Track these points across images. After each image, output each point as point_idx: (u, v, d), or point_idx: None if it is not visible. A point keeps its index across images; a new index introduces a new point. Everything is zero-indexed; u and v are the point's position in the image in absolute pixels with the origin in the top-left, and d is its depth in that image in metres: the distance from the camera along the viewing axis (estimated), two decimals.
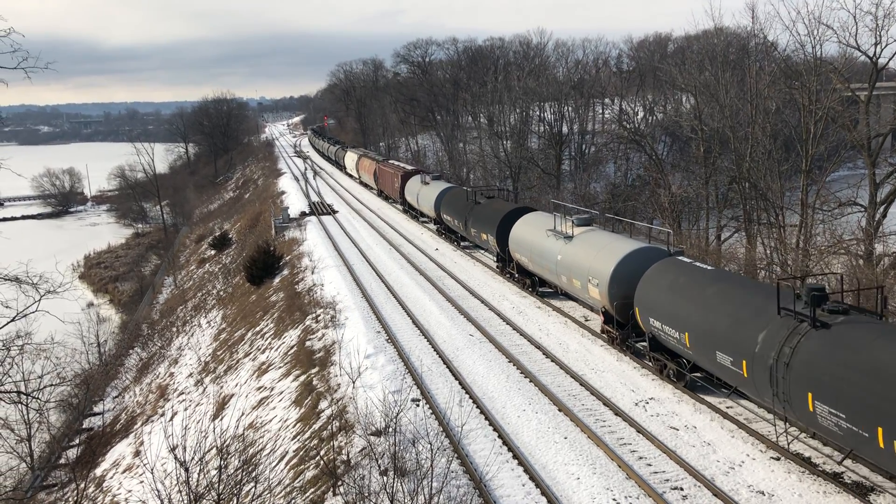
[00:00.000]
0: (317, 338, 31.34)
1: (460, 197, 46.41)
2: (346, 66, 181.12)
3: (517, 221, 35.58)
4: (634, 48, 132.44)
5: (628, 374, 24.20)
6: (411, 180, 60.85)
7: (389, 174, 69.57)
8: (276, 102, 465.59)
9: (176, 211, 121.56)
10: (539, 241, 32.07)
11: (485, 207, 41.84)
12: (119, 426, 38.95)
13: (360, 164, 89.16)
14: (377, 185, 77.34)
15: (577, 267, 28.06)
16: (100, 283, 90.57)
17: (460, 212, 44.73)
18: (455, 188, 52.04)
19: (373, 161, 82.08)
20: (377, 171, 76.44)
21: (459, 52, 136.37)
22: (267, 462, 21.72)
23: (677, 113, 69.54)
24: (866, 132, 39.95)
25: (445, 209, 48.44)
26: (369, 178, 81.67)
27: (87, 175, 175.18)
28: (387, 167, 72.69)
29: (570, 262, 28.70)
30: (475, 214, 41.98)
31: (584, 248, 28.20)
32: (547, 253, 31.00)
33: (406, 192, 61.32)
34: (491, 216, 39.47)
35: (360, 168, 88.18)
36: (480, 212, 41.62)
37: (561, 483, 17.54)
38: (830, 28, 39.78)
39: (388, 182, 70.39)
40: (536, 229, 32.90)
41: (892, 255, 35.29)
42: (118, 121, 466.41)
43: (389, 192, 70.53)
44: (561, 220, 30.94)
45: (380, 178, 75.21)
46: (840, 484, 16.52)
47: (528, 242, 33.52)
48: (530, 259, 33.28)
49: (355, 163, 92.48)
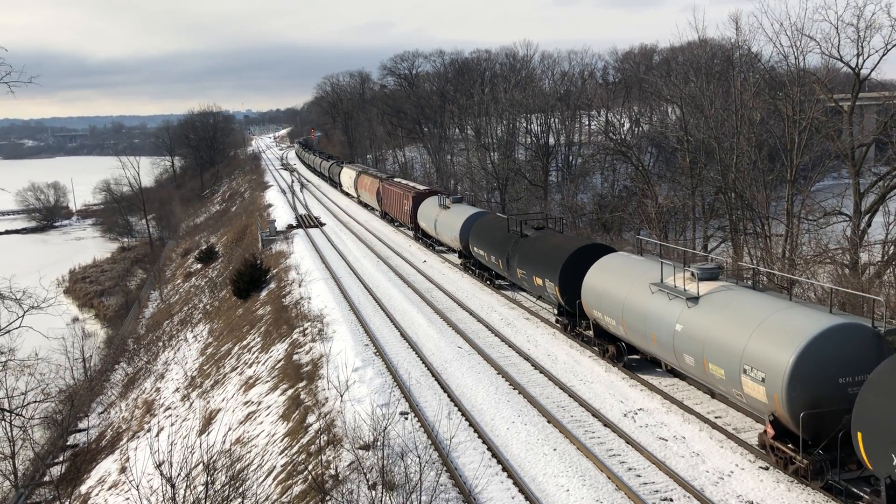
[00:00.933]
0: (304, 351, 31.17)
1: (498, 226, 37.90)
2: (333, 78, 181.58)
3: (593, 266, 26.80)
4: (620, 60, 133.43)
5: (617, 384, 24.18)
6: (426, 203, 52.51)
7: (397, 195, 60.57)
8: (262, 115, 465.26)
9: (162, 224, 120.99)
10: (638, 299, 23.05)
11: (537, 242, 32.82)
12: (104, 442, 38.54)
13: (359, 182, 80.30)
14: (381, 207, 68.83)
15: (719, 347, 18.95)
16: (85, 297, 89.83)
17: (499, 246, 36.06)
18: (487, 215, 43.28)
19: (375, 179, 72.95)
20: (381, 191, 68.30)
21: (446, 65, 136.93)
22: (254, 477, 21.52)
23: (663, 124, 70.00)
24: (850, 142, 40.30)
25: (477, 241, 39.73)
26: (371, 199, 73.35)
27: (72, 189, 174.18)
28: (394, 186, 63.52)
29: (703, 338, 19.59)
30: (523, 251, 33.24)
31: (726, 319, 19.11)
32: (655, 318, 21.97)
33: (420, 217, 52.85)
34: (549, 255, 30.60)
35: (360, 186, 79.44)
36: (531, 248, 32.72)
37: (550, 495, 17.46)
38: (813, 39, 40.21)
39: (395, 204, 61.73)
40: (628, 280, 24.12)
41: (877, 263, 35.53)
42: (103, 134, 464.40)
43: (397, 216, 61.76)
44: (672, 269, 22.39)
45: (385, 199, 66.84)
46: (829, 494, 16.53)
47: (615, 298, 24.37)
48: (622, 322, 24.02)
49: (353, 180, 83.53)
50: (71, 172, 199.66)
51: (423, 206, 52.63)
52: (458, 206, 47.31)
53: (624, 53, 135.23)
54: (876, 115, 53.43)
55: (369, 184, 73.96)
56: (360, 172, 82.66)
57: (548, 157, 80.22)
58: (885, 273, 34.59)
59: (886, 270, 34.86)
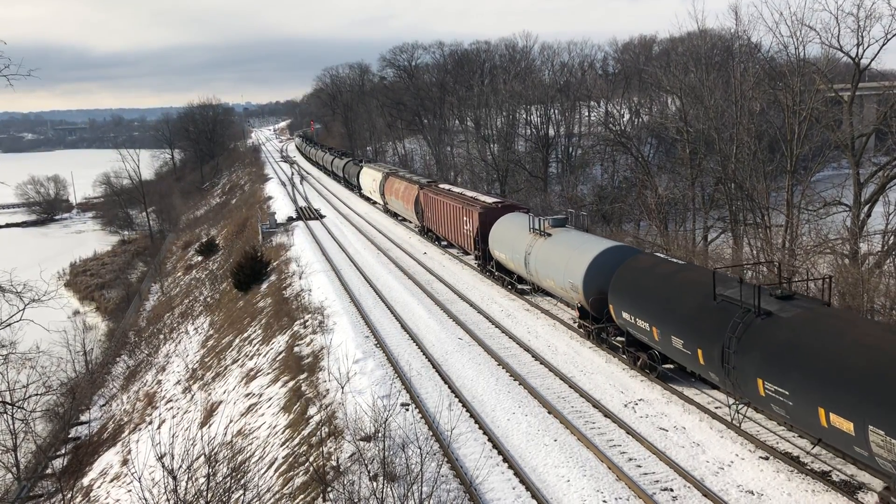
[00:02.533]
0: (305, 343, 31.22)
1: (690, 286, 21.37)
2: (333, 70, 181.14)
3: None
4: (619, 51, 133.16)
5: (617, 375, 24.23)
6: (503, 223, 36.04)
7: (452, 209, 43.71)
8: (262, 107, 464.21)
9: (162, 217, 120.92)
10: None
11: (792, 327, 17.25)
12: (106, 435, 38.66)
13: (388, 186, 62.50)
14: (421, 221, 51.89)
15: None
16: (86, 290, 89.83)
17: (705, 331, 19.64)
18: (639, 255, 25.88)
19: (411, 184, 55.05)
20: (422, 201, 50.94)
21: (445, 56, 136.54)
22: (256, 469, 21.62)
23: (663, 115, 69.84)
24: (850, 132, 40.22)
25: (630, 304, 23.60)
26: (405, 209, 56.34)
27: (72, 182, 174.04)
28: (444, 197, 45.80)
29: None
30: (764, 342, 17.57)
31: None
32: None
33: (494, 244, 36.43)
34: None
35: (389, 192, 61.78)
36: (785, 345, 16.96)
37: (551, 486, 17.53)
38: (813, 29, 40.11)
39: (448, 220, 45.00)
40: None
41: (877, 254, 35.53)
42: (103, 127, 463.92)
43: (453, 238, 44.93)
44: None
45: (429, 213, 49.30)
46: (828, 483, 16.59)
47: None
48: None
49: (379, 184, 66.23)
50: (71, 166, 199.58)
51: (497, 229, 36.18)
52: (566, 232, 30.62)
53: (624, 44, 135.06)
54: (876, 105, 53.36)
55: (403, 190, 56.68)
56: (387, 174, 65.05)
57: (547, 148, 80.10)
58: (884, 263, 34.59)
59: (886, 260, 34.86)
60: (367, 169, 76.43)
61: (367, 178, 73.91)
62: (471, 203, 41.43)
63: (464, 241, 42.71)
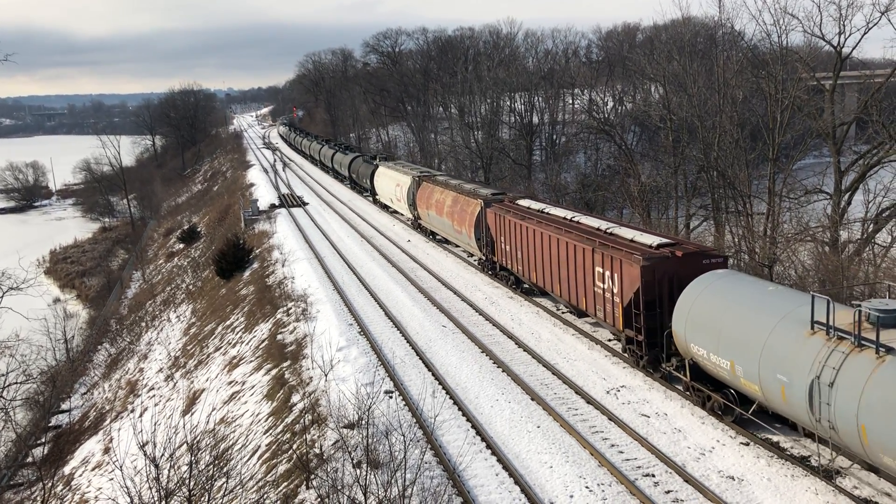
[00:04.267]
0: (288, 331, 31.13)
1: None
2: (315, 56, 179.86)
3: None
4: (603, 38, 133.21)
5: (600, 362, 24.35)
6: (709, 298, 19.62)
7: (574, 249, 26.44)
8: (243, 93, 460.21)
9: (143, 204, 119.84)
10: None
11: None
12: (88, 423, 38.42)
13: (423, 195, 45.74)
14: (492, 254, 35.05)
15: None
16: (66, 278, 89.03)
17: None
18: None
19: (469, 198, 38.29)
20: (494, 225, 34.28)
21: (429, 42, 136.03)
22: (239, 457, 21.55)
23: (646, 103, 70.01)
24: (831, 121, 40.50)
25: None
26: (457, 230, 39.62)
27: (51, 169, 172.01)
28: (547, 225, 29.11)
29: None
30: None
31: None
32: None
33: (691, 333, 19.84)
34: None
35: (426, 203, 44.98)
36: None
37: (534, 472, 17.62)
38: (795, 18, 40.32)
39: (558, 263, 27.81)
40: None
41: (857, 241, 35.88)
42: (83, 113, 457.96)
43: (572, 295, 27.06)
44: None
45: (508, 244, 32.58)
46: (807, 468, 16.79)
47: None
48: None
49: (408, 192, 49.25)
50: (50, 152, 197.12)
51: (703, 308, 19.70)
52: None
53: (607, 32, 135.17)
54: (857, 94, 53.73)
55: (453, 204, 39.90)
56: (420, 179, 47.88)
57: (531, 135, 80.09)
58: (864, 251, 34.95)
59: (866, 248, 35.22)
60: (385, 170, 58.18)
61: (388, 181, 55.83)
62: (614, 244, 23.99)
63: (599, 307, 24.73)
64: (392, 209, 57.70)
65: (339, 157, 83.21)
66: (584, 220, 28.24)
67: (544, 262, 28.90)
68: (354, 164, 74.03)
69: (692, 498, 16.12)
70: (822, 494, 15.82)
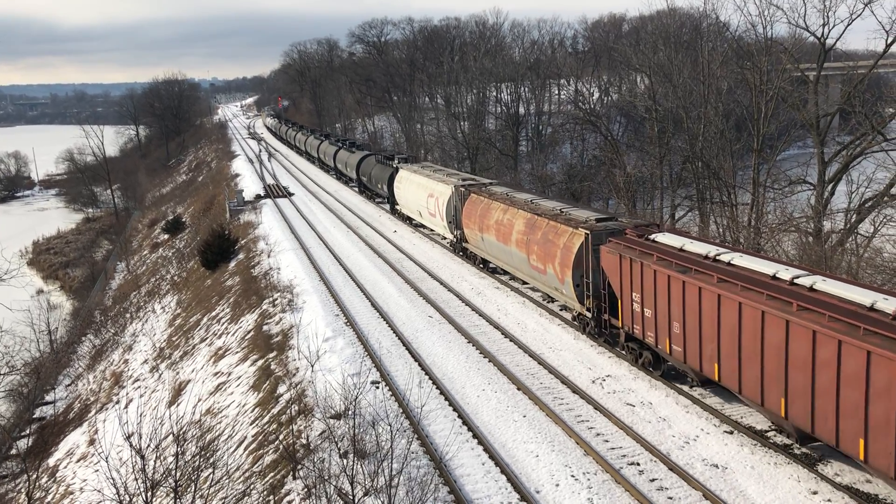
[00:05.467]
0: (274, 322, 31.06)
1: None
2: (301, 45, 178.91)
3: None
4: (589, 29, 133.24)
5: (585, 352, 24.47)
6: None
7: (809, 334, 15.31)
8: (228, 83, 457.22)
9: (127, 195, 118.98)
10: None
11: None
12: (72, 415, 38.23)
13: (471, 210, 35.29)
14: (585, 301, 25.15)
15: None
16: (49, 269, 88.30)
17: None
18: None
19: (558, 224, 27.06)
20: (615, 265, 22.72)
21: (415, 32, 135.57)
22: (225, 447, 21.52)
23: (632, 93, 70.13)
24: (815, 112, 40.78)
25: None
26: (535, 266, 28.64)
27: (33, 159, 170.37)
28: (720, 281, 18.15)
29: None
30: None
31: None
32: None
33: None
34: None
35: (476, 222, 34.59)
36: None
37: (520, 461, 17.71)
38: (780, 9, 40.79)
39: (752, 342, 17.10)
40: None
41: (840, 231, 36.18)
42: (66, 103, 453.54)
43: (773, 401, 16.69)
44: None
45: (641, 293, 21.48)
46: (790, 455, 16.97)
47: None
48: None
49: (448, 205, 38.99)
50: (32, 142, 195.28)
51: None
52: None
53: (594, 22, 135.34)
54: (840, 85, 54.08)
55: (526, 230, 29.38)
56: (466, 189, 36.81)
57: (518, 126, 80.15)
58: (847, 240, 35.26)
59: (848, 238, 35.54)
60: (410, 175, 46.68)
61: (415, 190, 44.65)
62: None
63: None
64: (416, 222, 47.55)
65: (343, 156, 71.26)
66: (806, 279, 16.88)
67: (745, 351, 17.57)
68: (365, 166, 61.72)
69: (677, 486, 16.26)
70: (804, 482, 16.01)
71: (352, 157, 66.75)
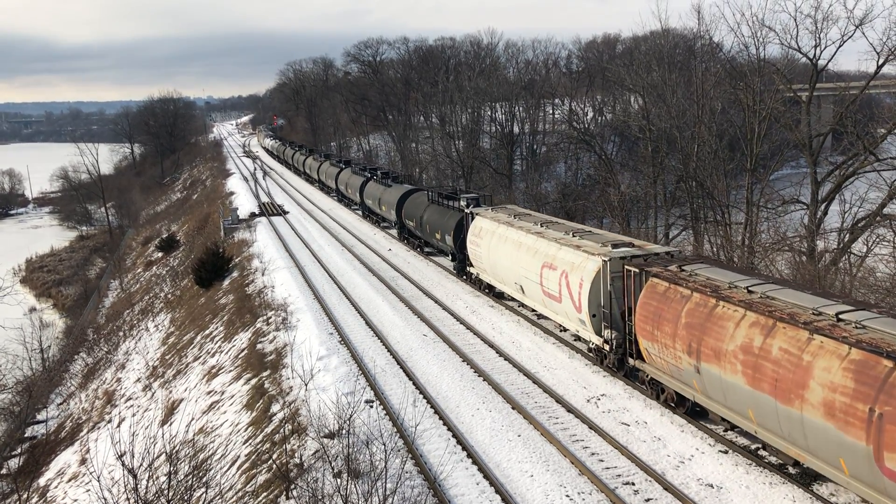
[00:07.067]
0: (268, 340, 30.95)
1: None
2: (296, 64, 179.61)
3: None
4: (583, 49, 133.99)
5: (580, 371, 24.43)
6: None
7: None
8: (223, 102, 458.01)
9: (121, 213, 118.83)
10: None
11: None
12: (64, 434, 37.92)
13: (666, 312, 19.50)
14: None
15: None
16: (42, 287, 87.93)
17: None
18: None
19: None
20: None
21: (410, 52, 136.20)
22: (218, 467, 21.38)
23: (626, 113, 70.52)
24: (807, 132, 41.05)
25: None
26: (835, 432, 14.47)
27: (27, 176, 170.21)
28: None
29: None
30: None
31: None
32: None
33: None
34: None
35: (666, 325, 19.38)
36: None
37: (515, 481, 17.62)
38: (773, 30, 40.91)
39: None
40: None
41: (833, 251, 36.31)
42: (60, 121, 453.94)
43: None
44: None
45: None
46: (785, 475, 16.93)
47: None
48: None
49: (605, 289, 23.14)
50: (26, 159, 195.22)
51: None
52: None
53: (587, 42, 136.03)
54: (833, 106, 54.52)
55: None
56: (646, 268, 21.58)
57: (512, 145, 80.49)
58: (840, 260, 35.37)
59: (842, 258, 35.65)
60: (495, 226, 32.01)
61: (513, 252, 29.49)
62: None
63: None
64: (508, 295, 32.40)
65: (373, 190, 55.23)
66: None
67: None
68: (411, 207, 45.34)
69: None
70: (799, 502, 15.96)
71: (387, 194, 51.22)
